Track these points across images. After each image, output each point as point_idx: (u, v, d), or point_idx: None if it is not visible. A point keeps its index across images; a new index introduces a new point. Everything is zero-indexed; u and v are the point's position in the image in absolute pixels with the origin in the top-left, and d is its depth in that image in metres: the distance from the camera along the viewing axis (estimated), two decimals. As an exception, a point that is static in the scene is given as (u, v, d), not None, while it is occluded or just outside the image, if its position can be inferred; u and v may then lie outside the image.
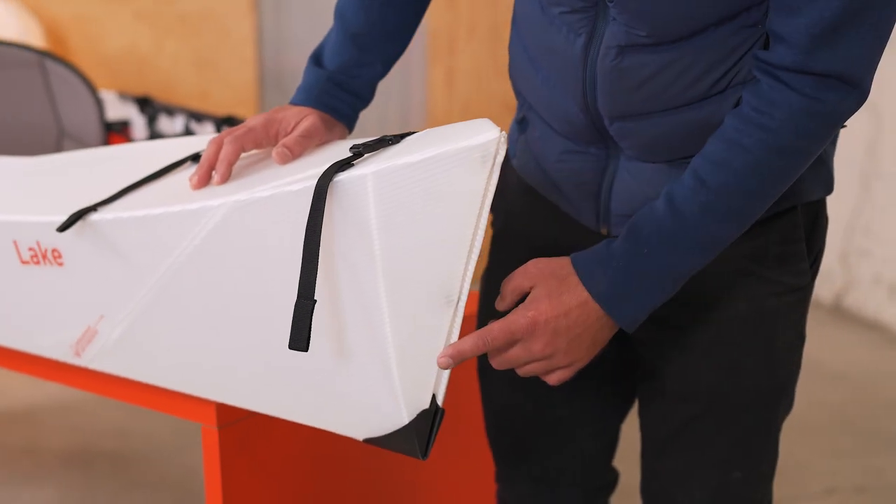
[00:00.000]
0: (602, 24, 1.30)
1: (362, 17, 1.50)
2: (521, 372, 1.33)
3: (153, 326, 1.52)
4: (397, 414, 1.32)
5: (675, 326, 1.39)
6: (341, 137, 1.51)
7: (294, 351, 1.27)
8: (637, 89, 1.31)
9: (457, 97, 4.46)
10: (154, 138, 2.95)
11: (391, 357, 1.30)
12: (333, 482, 1.80)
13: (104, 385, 1.70)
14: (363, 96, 1.53)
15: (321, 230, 1.27)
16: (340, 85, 1.50)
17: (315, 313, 1.27)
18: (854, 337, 4.10)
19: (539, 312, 1.29)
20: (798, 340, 1.45)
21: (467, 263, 1.25)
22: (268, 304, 1.37)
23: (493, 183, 1.23)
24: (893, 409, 3.47)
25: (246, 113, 4.32)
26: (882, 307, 4.21)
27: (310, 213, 1.27)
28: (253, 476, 1.66)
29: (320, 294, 1.30)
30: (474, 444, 1.80)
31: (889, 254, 4.20)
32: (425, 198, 1.25)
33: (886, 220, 4.20)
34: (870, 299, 4.26)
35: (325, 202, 1.27)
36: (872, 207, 4.23)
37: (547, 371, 1.32)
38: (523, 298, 1.33)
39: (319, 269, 1.28)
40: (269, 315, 1.37)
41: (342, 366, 1.34)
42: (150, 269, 1.47)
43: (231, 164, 1.44)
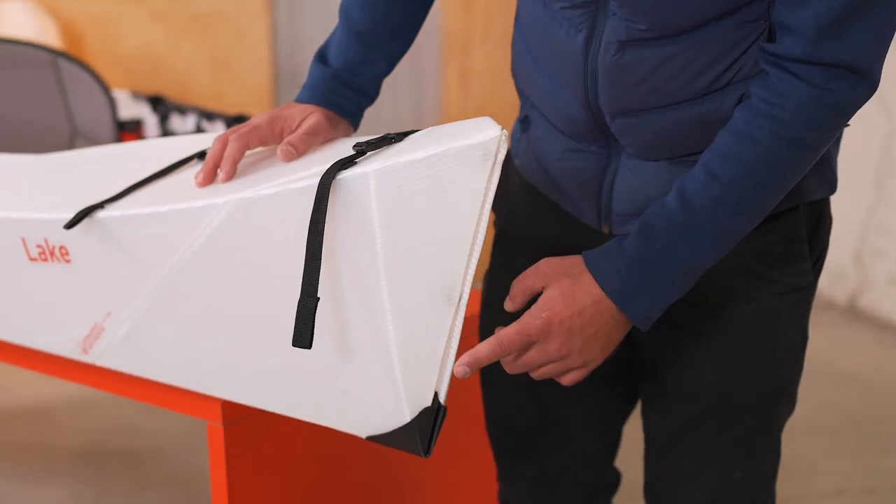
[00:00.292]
0: (602, 20, 1.30)
1: (367, 15, 1.50)
2: (535, 375, 1.33)
3: (159, 324, 1.52)
4: (399, 412, 1.32)
5: (676, 326, 1.39)
6: (346, 135, 1.52)
7: (297, 348, 1.28)
8: (638, 85, 1.31)
9: (471, 98, 4.46)
10: (166, 137, 2.96)
11: (393, 355, 1.30)
12: (337, 479, 1.81)
13: (111, 382, 1.70)
14: (368, 94, 1.53)
15: (324, 228, 1.27)
16: (345, 83, 1.51)
17: (318, 311, 1.27)
18: (868, 337, 4.08)
19: (553, 313, 1.29)
20: (800, 341, 1.45)
21: (469, 262, 1.25)
22: (272, 302, 1.38)
23: (495, 181, 1.23)
24: (905, 410, 3.46)
25: (260, 113, 4.33)
26: (897, 307, 4.20)
27: (313, 211, 1.28)
28: (258, 473, 1.66)
29: (323, 292, 1.31)
30: (477, 442, 1.80)
31: (904, 254, 4.19)
32: (427, 196, 1.25)
33: (901, 219, 4.18)
34: (884, 299, 4.24)
35: (327, 200, 1.28)
36: (887, 207, 4.21)
37: (562, 372, 1.32)
38: (533, 299, 1.34)
39: (322, 266, 1.29)
40: (273, 312, 1.38)
41: (345, 363, 1.35)
42: (156, 267, 1.48)
43: (236, 162, 1.44)
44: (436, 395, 1.29)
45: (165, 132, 3.07)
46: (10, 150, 2.53)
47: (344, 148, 1.40)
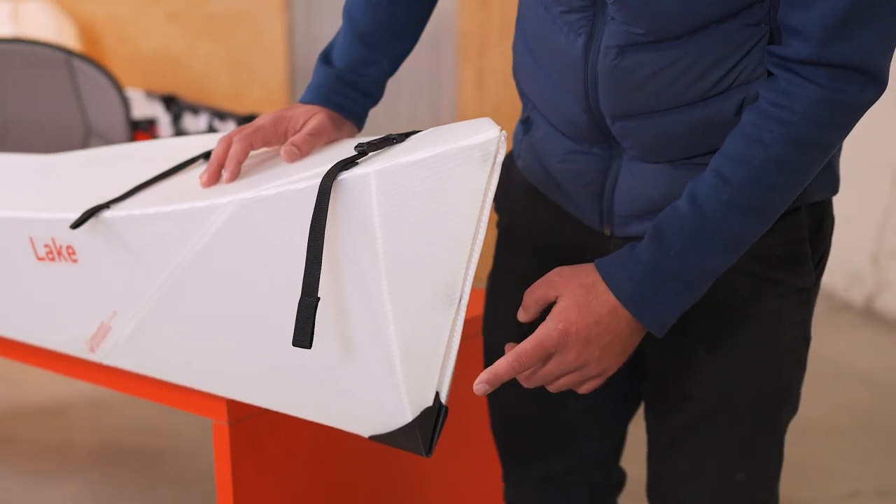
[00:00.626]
0: (601, 24, 1.30)
1: (370, 16, 1.51)
2: (552, 388, 1.33)
3: (163, 323, 1.53)
4: (401, 411, 1.32)
5: (678, 327, 1.38)
6: (350, 135, 1.52)
7: (298, 348, 1.28)
8: (638, 89, 1.31)
9: (487, 98, 4.47)
10: (179, 136, 2.97)
11: (395, 354, 1.31)
12: (342, 478, 1.81)
13: (119, 381, 1.71)
14: (372, 94, 1.54)
15: (325, 228, 1.28)
16: (349, 83, 1.51)
17: (319, 311, 1.28)
18: (885, 339, 4.06)
19: (569, 323, 1.28)
20: (802, 341, 1.44)
21: (469, 262, 1.25)
22: (274, 302, 1.39)
23: (494, 181, 1.24)
24: (921, 413, 3.44)
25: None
26: (914, 309, 4.18)
27: (314, 212, 1.28)
28: (263, 471, 1.67)
29: (324, 291, 1.31)
30: (482, 442, 1.80)
31: (922, 256, 4.17)
32: (427, 196, 1.25)
33: (919, 221, 4.16)
34: (902, 301, 4.23)
35: (328, 200, 1.28)
36: (904, 208, 4.20)
37: (579, 382, 1.32)
38: (547, 309, 1.33)
39: (323, 266, 1.30)
40: (275, 312, 1.38)
41: (346, 363, 1.35)
42: (161, 267, 1.49)
43: (240, 163, 1.45)
44: (437, 394, 1.29)
45: (178, 131, 3.08)
46: (26, 150, 2.56)
47: (347, 149, 1.41)
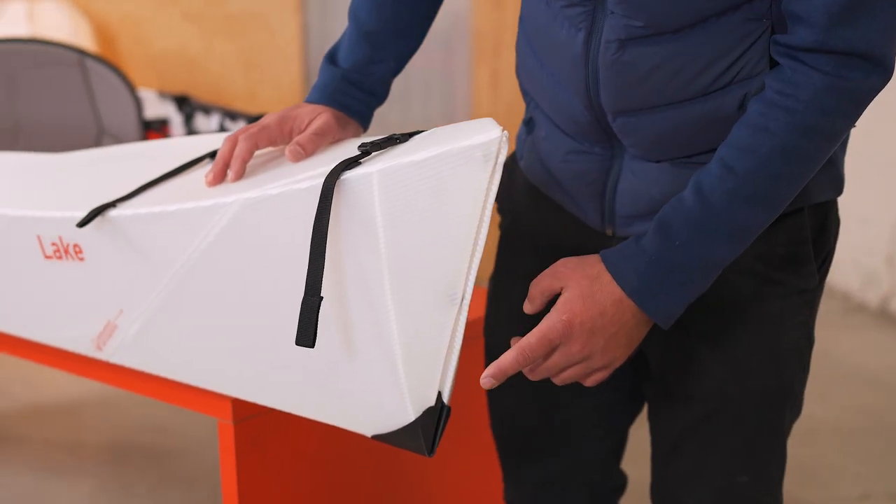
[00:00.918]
0: (601, 18, 1.30)
1: (375, 16, 1.51)
2: (557, 381, 1.32)
3: (169, 321, 1.54)
4: (403, 411, 1.32)
5: (680, 327, 1.38)
6: (355, 135, 1.53)
7: (301, 347, 1.28)
8: (639, 83, 1.30)
9: (502, 99, 4.46)
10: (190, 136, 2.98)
11: (397, 354, 1.31)
12: (346, 477, 1.82)
13: (126, 379, 1.72)
14: (377, 94, 1.54)
15: (328, 228, 1.28)
16: (354, 83, 1.51)
17: (322, 310, 1.28)
18: (899, 342, 4.05)
19: (574, 314, 1.28)
20: (805, 343, 1.43)
21: (471, 261, 1.25)
22: (277, 301, 1.39)
23: (496, 181, 1.24)
24: (933, 416, 3.43)
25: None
26: (930, 312, 4.16)
27: (316, 211, 1.28)
28: (268, 469, 1.67)
29: (327, 291, 1.32)
30: (484, 443, 1.80)
31: (936, 258, 4.15)
32: (430, 196, 1.26)
33: (934, 223, 4.14)
34: (917, 304, 4.21)
35: (331, 200, 1.28)
36: (920, 210, 4.18)
37: (585, 374, 1.32)
38: (552, 300, 1.33)
39: (326, 266, 1.30)
40: (279, 311, 1.39)
41: (349, 362, 1.36)
42: (166, 265, 1.50)
43: (245, 162, 1.46)
44: (439, 394, 1.29)
45: (190, 131, 3.09)
46: (38, 149, 2.57)
47: (351, 148, 1.41)
